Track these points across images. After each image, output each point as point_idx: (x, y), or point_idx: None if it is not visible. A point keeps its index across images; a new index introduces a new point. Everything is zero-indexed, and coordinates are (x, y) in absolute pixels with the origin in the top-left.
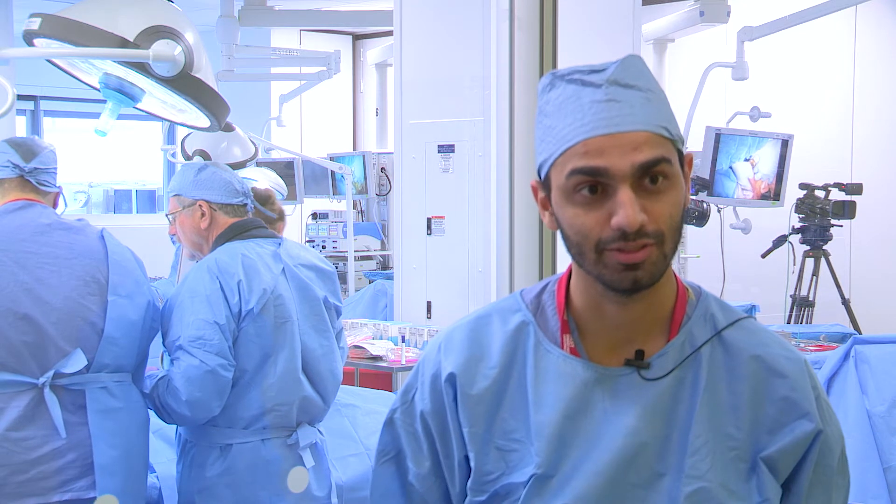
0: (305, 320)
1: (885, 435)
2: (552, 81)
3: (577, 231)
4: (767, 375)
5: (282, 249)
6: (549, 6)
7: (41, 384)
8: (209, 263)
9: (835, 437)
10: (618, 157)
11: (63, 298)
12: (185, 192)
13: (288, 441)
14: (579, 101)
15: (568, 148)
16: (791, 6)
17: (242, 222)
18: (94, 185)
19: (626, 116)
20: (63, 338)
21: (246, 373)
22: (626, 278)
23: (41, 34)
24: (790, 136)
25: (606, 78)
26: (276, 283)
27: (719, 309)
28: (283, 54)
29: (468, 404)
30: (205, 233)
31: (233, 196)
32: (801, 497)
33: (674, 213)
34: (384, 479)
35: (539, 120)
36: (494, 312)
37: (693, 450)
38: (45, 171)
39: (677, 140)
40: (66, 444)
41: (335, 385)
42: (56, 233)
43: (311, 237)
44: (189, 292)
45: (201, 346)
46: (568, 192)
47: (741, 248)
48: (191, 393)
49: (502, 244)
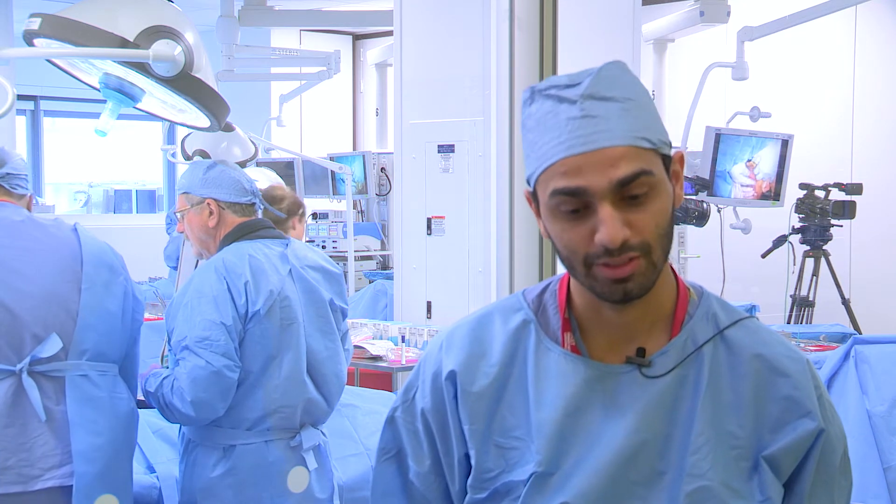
0: (311, 323)
1: (885, 435)
2: (531, 96)
3: (565, 246)
4: (770, 374)
5: (289, 250)
6: (549, 6)
7: (18, 370)
8: (216, 264)
9: (837, 437)
10: (596, 175)
11: (37, 286)
12: (194, 190)
13: (291, 443)
14: (556, 118)
15: (548, 166)
16: (791, 6)
17: (250, 222)
18: (94, 185)
19: (601, 132)
20: (38, 324)
21: (251, 374)
22: (617, 291)
23: (41, 34)
24: (790, 136)
25: (581, 93)
26: (283, 284)
27: (721, 308)
28: (283, 54)
29: (468, 402)
30: (213, 231)
31: (241, 195)
32: (804, 497)
33: (660, 222)
34: (385, 478)
35: (523, 134)
36: (496, 311)
37: (694, 448)
38: (17, 175)
39: (660, 146)
40: (47, 431)
41: (339, 388)
42: (30, 228)
43: (311, 237)
44: (196, 293)
45: (207, 346)
46: (552, 209)
47: (741, 248)
48: (196, 394)
49: (502, 244)
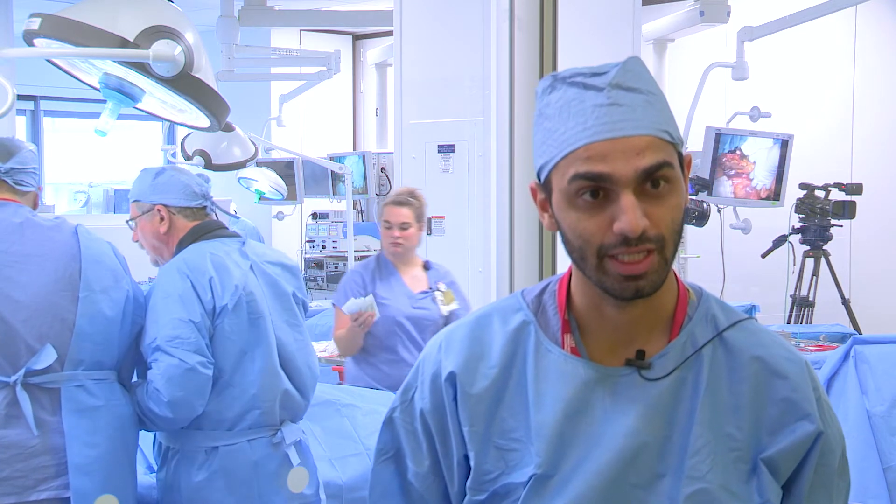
0: (278, 315)
1: (885, 435)
2: (553, 84)
3: (579, 235)
4: (768, 376)
5: (246, 247)
6: (549, 6)
7: (13, 382)
8: (178, 264)
9: (835, 439)
10: (621, 163)
11: (32, 296)
12: (143, 198)
13: (273, 440)
14: (581, 105)
15: (570, 152)
16: (791, 6)
17: (204, 224)
18: (94, 185)
19: (628, 121)
20: (33, 335)
21: (224, 371)
22: (628, 288)
23: (41, 34)
24: (790, 136)
25: (609, 81)
26: (246, 279)
27: (720, 310)
28: (283, 54)
29: (468, 403)
30: (164, 237)
31: (191, 199)
32: (802, 499)
33: (675, 217)
34: (383, 478)
35: (538, 122)
36: (495, 312)
37: (694, 451)
38: (23, 171)
39: (678, 143)
40: (41, 443)
41: (313, 379)
42: (28, 231)
43: (311, 237)
44: (161, 293)
45: (179, 344)
46: (570, 196)
47: (741, 248)
48: (172, 393)
49: (502, 244)
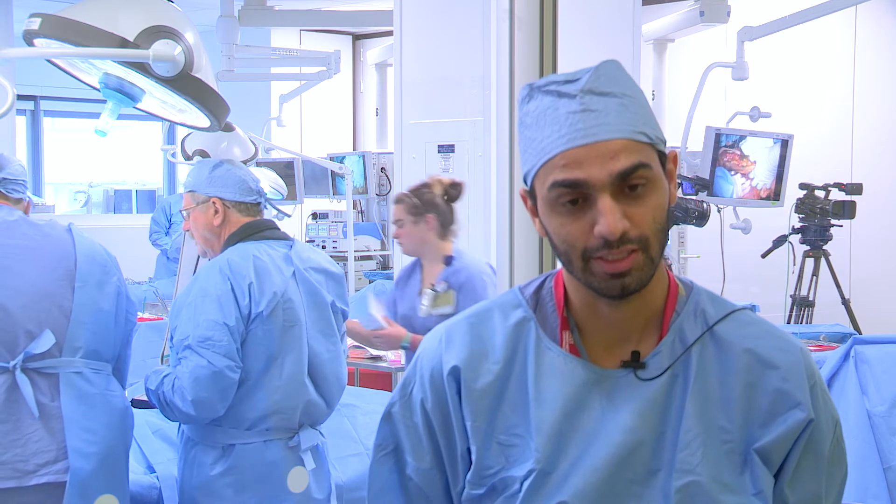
0: (313, 324)
1: (885, 435)
2: (530, 93)
3: (564, 240)
4: (760, 368)
5: (293, 252)
6: (549, 6)
7: (12, 367)
8: (221, 264)
9: (827, 425)
10: (596, 167)
11: (30, 284)
12: (200, 189)
13: (290, 443)
14: (556, 113)
15: (548, 160)
16: (791, 6)
17: (255, 223)
18: (94, 185)
19: (601, 125)
20: (31, 321)
21: (252, 374)
22: (614, 286)
23: (41, 34)
24: (790, 136)
25: (580, 88)
26: (286, 286)
27: (711, 303)
28: (283, 54)
29: (472, 398)
30: (217, 230)
31: (246, 194)
32: (784, 484)
33: (657, 216)
34: (382, 474)
35: (520, 131)
36: (495, 307)
37: (683, 444)
38: (14, 181)
39: (657, 142)
40: (41, 427)
41: (340, 389)
42: (24, 227)
43: (311, 237)
44: (200, 292)
45: (210, 346)
46: (551, 202)
47: (741, 248)
48: (197, 393)
49: (502, 244)
